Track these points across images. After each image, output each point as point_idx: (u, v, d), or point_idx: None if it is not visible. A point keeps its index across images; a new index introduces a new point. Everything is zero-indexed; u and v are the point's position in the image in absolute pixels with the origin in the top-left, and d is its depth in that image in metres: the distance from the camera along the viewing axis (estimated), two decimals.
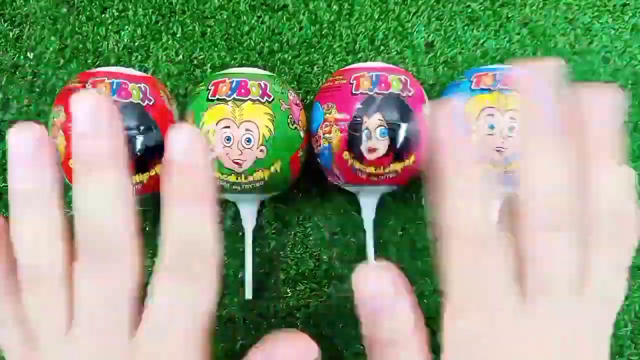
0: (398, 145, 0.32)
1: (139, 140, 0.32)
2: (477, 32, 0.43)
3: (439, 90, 0.42)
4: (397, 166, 0.33)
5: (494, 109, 0.32)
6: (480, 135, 0.33)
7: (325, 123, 0.33)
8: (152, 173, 0.34)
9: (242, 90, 0.33)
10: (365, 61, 0.42)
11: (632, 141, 0.40)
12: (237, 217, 0.39)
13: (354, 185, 0.35)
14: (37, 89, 0.40)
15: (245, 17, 0.42)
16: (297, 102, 0.35)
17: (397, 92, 0.33)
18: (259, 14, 0.42)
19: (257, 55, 0.42)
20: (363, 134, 0.32)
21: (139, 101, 0.33)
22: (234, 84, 0.33)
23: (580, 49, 0.43)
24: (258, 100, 0.32)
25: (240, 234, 0.39)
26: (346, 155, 0.32)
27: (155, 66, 0.41)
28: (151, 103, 0.33)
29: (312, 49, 0.42)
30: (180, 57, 0.41)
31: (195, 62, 0.41)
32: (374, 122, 0.32)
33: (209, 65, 0.41)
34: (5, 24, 0.42)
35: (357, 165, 0.33)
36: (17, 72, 0.41)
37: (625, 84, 0.42)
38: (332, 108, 0.33)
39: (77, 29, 0.42)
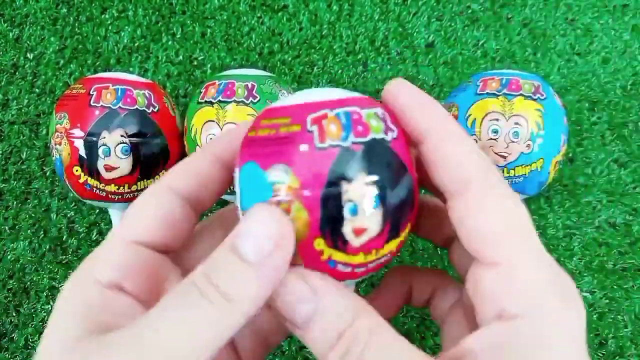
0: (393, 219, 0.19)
1: (144, 148, 0.33)
2: (477, 33, 0.43)
3: (438, 91, 0.41)
4: (393, 245, 0.19)
5: (499, 114, 0.32)
6: (484, 140, 0.33)
7: (279, 195, 0.18)
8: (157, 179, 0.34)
9: (228, 92, 0.32)
10: (365, 63, 0.42)
11: (632, 142, 0.40)
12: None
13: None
14: (37, 89, 0.40)
15: (245, 18, 0.42)
16: None
17: (381, 136, 0.18)
18: (259, 15, 0.42)
19: (257, 56, 0.42)
20: (345, 208, 0.18)
21: (144, 108, 0.33)
22: (221, 86, 0.33)
23: (581, 49, 0.43)
24: (242, 101, 0.32)
25: None
26: (324, 253, 0.18)
27: (155, 67, 0.41)
28: (156, 110, 0.33)
29: (312, 50, 0.42)
30: (180, 57, 0.41)
31: (195, 62, 0.41)
32: (358, 190, 0.18)
33: (208, 66, 0.41)
34: (5, 24, 0.42)
35: (338, 258, 0.19)
36: (17, 73, 0.41)
37: (625, 85, 0.42)
38: (289, 173, 0.18)
39: (77, 29, 0.42)
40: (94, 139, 0.32)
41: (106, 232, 0.38)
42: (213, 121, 0.32)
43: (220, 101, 0.32)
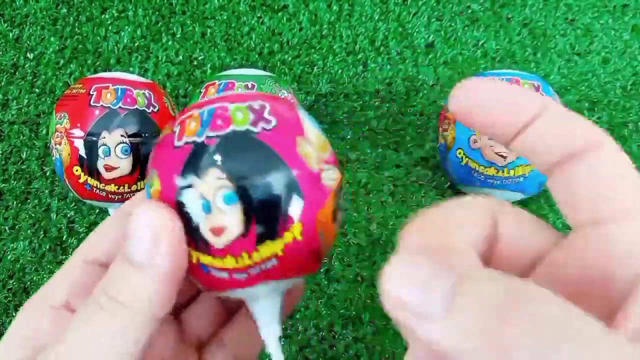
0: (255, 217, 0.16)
1: (144, 147, 0.33)
2: (477, 33, 0.43)
3: (438, 91, 0.41)
4: (275, 247, 0.16)
5: None
6: (484, 140, 0.33)
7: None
8: None
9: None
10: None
11: (632, 142, 0.40)
12: None
13: None
14: (37, 89, 0.40)
15: (245, 18, 0.42)
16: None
17: (244, 127, 0.17)
18: (259, 15, 0.42)
19: (257, 56, 0.42)
20: (198, 205, 0.16)
21: (144, 108, 0.33)
22: (221, 86, 0.33)
23: (581, 49, 0.43)
24: None
25: None
26: (193, 256, 0.17)
27: (155, 67, 0.41)
28: (156, 110, 0.33)
29: (312, 50, 0.42)
30: (180, 57, 0.41)
31: (195, 62, 0.41)
32: (209, 185, 0.16)
33: (209, 65, 0.41)
34: (5, 24, 0.42)
35: (207, 261, 0.17)
36: (17, 73, 0.41)
37: (625, 85, 0.42)
38: (155, 176, 0.18)
39: (77, 29, 0.42)
40: (94, 138, 0.32)
41: None
42: None
43: None
